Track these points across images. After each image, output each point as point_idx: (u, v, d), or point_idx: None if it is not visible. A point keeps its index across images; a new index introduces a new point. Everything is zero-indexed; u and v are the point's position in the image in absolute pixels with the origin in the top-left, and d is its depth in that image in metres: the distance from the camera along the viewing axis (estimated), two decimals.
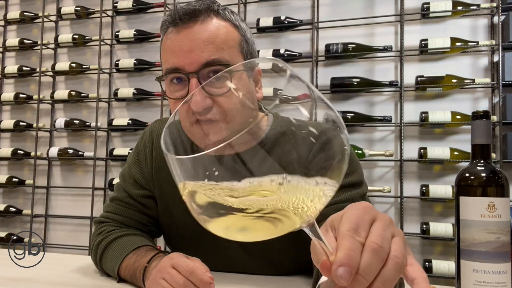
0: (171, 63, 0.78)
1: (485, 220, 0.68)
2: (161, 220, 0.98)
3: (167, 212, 0.96)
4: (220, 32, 0.78)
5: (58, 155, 2.57)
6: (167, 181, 0.95)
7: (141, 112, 2.59)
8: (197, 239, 0.93)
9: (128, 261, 0.84)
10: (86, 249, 2.50)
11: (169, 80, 0.80)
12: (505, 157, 1.91)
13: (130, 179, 0.98)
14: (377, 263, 0.38)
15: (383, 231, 0.40)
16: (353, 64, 2.26)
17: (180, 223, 0.94)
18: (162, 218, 0.98)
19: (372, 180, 2.17)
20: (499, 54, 1.97)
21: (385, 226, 0.41)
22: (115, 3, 2.58)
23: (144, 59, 2.54)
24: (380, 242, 0.39)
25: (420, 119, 2.05)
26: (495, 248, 0.67)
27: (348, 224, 0.39)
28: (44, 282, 0.83)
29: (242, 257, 0.92)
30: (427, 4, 2.07)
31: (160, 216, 0.98)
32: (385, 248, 0.39)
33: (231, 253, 0.92)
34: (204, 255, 0.85)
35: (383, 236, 0.39)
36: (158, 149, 0.97)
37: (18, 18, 2.76)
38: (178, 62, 0.77)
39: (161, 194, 0.96)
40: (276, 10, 2.39)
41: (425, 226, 1.96)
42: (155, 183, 0.96)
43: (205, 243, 0.93)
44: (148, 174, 0.96)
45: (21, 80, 2.86)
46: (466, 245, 0.69)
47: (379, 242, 0.39)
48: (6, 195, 2.82)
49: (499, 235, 0.67)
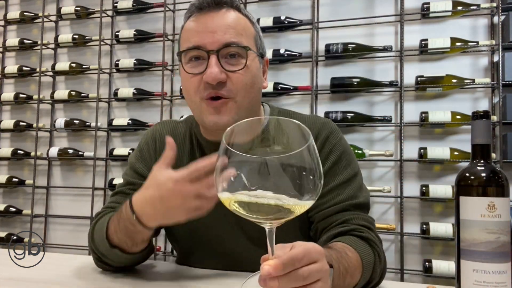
0: (193, 41, 0.84)
1: (485, 220, 0.68)
2: None
3: None
4: (241, 22, 0.87)
5: (58, 155, 2.57)
6: None
7: (141, 112, 2.59)
8: (200, 231, 0.94)
9: (113, 223, 0.82)
10: (86, 249, 2.50)
11: (188, 58, 0.86)
12: (505, 157, 1.91)
13: (134, 174, 0.99)
14: (294, 283, 0.53)
15: (315, 272, 0.55)
16: (353, 64, 2.26)
17: (186, 224, 0.92)
18: None
19: (372, 180, 2.17)
20: (499, 54, 1.97)
21: (320, 270, 0.56)
22: (115, 3, 2.58)
23: (144, 59, 2.54)
24: (307, 275, 0.54)
25: (420, 119, 2.05)
26: (495, 248, 0.67)
27: (299, 251, 0.55)
28: (44, 282, 0.83)
29: (243, 247, 0.92)
30: (427, 4, 2.07)
31: None
32: (307, 280, 0.54)
33: (232, 245, 0.93)
34: (206, 246, 0.90)
35: (313, 274, 0.55)
36: (160, 147, 0.98)
37: (18, 18, 2.76)
38: (201, 40, 0.83)
39: None
40: (276, 10, 2.39)
41: (425, 226, 1.96)
42: None
43: (207, 236, 0.94)
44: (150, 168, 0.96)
45: (21, 80, 2.86)
46: (466, 245, 0.69)
47: (306, 274, 0.54)
48: (6, 195, 2.82)
49: (499, 235, 0.67)
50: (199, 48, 0.83)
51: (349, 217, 0.86)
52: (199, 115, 0.87)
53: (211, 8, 0.86)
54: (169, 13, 2.53)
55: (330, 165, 0.90)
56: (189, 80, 0.85)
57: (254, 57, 0.88)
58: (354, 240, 0.81)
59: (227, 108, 0.84)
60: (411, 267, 2.07)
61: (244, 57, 0.84)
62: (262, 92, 0.94)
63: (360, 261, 0.75)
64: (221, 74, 0.82)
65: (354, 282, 0.73)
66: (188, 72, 0.85)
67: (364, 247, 0.80)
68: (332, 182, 0.88)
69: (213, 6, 0.86)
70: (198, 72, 0.84)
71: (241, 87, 0.84)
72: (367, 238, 0.83)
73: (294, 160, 0.48)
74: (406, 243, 2.08)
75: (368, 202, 0.92)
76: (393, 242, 2.13)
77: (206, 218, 0.79)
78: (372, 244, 0.83)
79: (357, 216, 0.86)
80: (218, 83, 0.82)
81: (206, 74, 0.81)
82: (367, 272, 0.76)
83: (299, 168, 0.49)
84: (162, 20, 2.48)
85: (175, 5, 2.54)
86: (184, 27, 0.89)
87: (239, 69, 0.83)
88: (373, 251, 0.81)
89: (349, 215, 0.86)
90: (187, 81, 0.86)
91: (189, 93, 0.87)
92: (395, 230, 2.04)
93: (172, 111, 2.50)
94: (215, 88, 0.82)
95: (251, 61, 0.85)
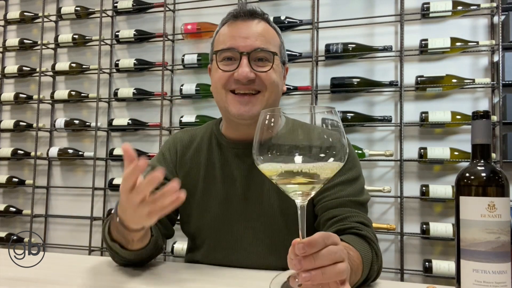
0: (228, 44, 0.97)
1: (485, 220, 0.68)
2: (181, 211, 1.10)
3: (188, 203, 1.04)
4: (269, 32, 1.01)
5: (58, 155, 2.57)
6: (188, 176, 1.07)
7: (141, 112, 2.59)
8: (211, 225, 1.04)
9: (111, 221, 0.88)
10: (86, 249, 2.50)
11: (222, 57, 0.98)
12: (505, 157, 1.91)
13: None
14: (328, 260, 0.58)
15: (341, 251, 0.61)
16: (353, 64, 2.26)
17: (199, 214, 1.06)
18: (182, 210, 1.09)
19: (372, 180, 2.17)
20: (499, 54, 1.97)
21: (343, 250, 0.62)
22: (115, 3, 2.58)
23: (144, 59, 2.54)
24: (337, 249, 0.60)
25: (420, 119, 2.05)
26: (495, 248, 0.67)
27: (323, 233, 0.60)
28: (44, 282, 0.83)
29: (251, 239, 1.01)
30: (427, 4, 2.07)
31: (181, 208, 1.08)
32: (337, 256, 0.59)
33: (243, 236, 1.02)
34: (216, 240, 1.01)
35: (339, 253, 0.60)
36: (181, 152, 1.10)
37: (18, 18, 2.76)
38: (235, 43, 0.96)
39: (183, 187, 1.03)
40: (276, 10, 2.39)
41: (425, 226, 1.96)
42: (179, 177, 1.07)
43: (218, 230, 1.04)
44: (171, 171, 1.08)
45: (21, 80, 2.86)
46: (466, 245, 0.69)
47: (335, 250, 0.59)
48: (6, 195, 2.82)
49: (499, 235, 0.67)
50: (233, 49, 0.96)
51: (349, 214, 0.92)
52: (225, 107, 0.99)
53: (246, 17, 0.99)
54: (169, 13, 2.53)
55: None
56: (220, 75, 0.97)
57: (278, 63, 1.00)
58: (354, 239, 0.86)
59: (255, 100, 0.96)
60: (411, 267, 2.07)
61: (271, 61, 0.97)
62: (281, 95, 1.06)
63: (360, 259, 0.79)
64: (251, 73, 0.94)
65: (356, 279, 0.77)
66: (221, 68, 0.97)
67: (363, 245, 0.85)
68: (337, 179, 0.96)
69: (248, 16, 0.99)
70: (229, 70, 0.96)
71: (268, 84, 0.96)
72: (365, 236, 0.89)
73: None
74: (406, 243, 2.08)
75: (367, 203, 0.99)
76: (393, 242, 2.13)
77: (219, 213, 1.01)
78: (370, 242, 0.88)
79: (356, 214, 0.93)
80: (247, 80, 0.94)
81: (238, 72, 0.94)
82: (366, 270, 0.81)
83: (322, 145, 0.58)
84: (162, 20, 2.48)
85: (175, 5, 2.54)
86: (219, 31, 1.02)
87: (266, 70, 0.96)
88: (371, 249, 0.87)
89: (349, 212, 0.93)
90: (218, 76, 0.98)
91: (217, 86, 0.99)
92: (395, 230, 2.04)
93: (172, 111, 2.50)
94: (244, 85, 0.95)
95: (276, 65, 0.98)
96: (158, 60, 2.50)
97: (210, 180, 1.05)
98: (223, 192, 1.03)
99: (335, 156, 0.57)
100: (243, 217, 1.02)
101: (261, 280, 0.86)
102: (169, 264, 1.07)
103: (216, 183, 1.04)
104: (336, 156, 0.57)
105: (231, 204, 1.03)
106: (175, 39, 2.54)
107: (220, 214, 1.04)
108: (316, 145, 0.57)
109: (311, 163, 0.56)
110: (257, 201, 1.01)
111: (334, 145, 0.57)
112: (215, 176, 1.05)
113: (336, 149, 0.57)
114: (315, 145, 0.57)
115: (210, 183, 1.05)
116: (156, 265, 1.00)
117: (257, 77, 0.95)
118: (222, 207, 1.03)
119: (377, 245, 0.90)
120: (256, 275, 0.91)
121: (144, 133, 2.58)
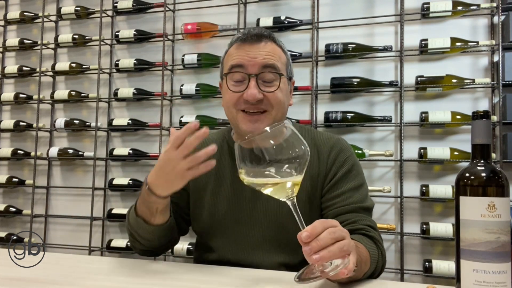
0: (236, 61, 1.03)
1: (485, 220, 0.68)
2: (192, 209, 1.16)
3: (198, 202, 1.14)
4: (276, 51, 1.06)
5: (58, 155, 2.57)
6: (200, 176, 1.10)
7: (141, 112, 2.59)
8: (219, 217, 1.11)
9: (139, 198, 1.01)
10: (86, 249, 2.50)
11: (231, 79, 1.04)
12: (505, 157, 1.91)
13: None
14: (330, 239, 0.69)
15: (339, 230, 0.72)
16: (353, 64, 2.26)
17: (209, 211, 1.12)
18: (193, 208, 1.15)
19: (372, 180, 2.17)
20: (499, 54, 1.97)
21: (341, 229, 0.73)
22: (115, 3, 2.58)
23: (144, 59, 2.54)
24: (335, 229, 0.71)
25: (420, 119, 2.05)
26: (495, 248, 0.67)
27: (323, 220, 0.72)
28: (44, 282, 0.83)
29: (259, 237, 1.07)
30: (427, 4, 2.07)
31: (192, 206, 1.16)
32: (337, 234, 0.70)
33: (251, 234, 1.08)
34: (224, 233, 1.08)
35: (341, 230, 0.72)
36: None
37: (18, 18, 2.76)
38: (242, 61, 1.02)
39: (194, 187, 1.14)
40: (276, 10, 2.39)
41: (425, 226, 1.96)
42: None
43: (226, 222, 1.10)
44: None
45: (21, 80, 2.86)
46: (466, 245, 0.69)
47: (334, 229, 0.71)
48: (6, 195, 2.82)
49: (499, 235, 0.67)
50: (241, 67, 1.02)
51: (358, 218, 1.02)
52: (236, 123, 1.06)
53: (253, 40, 1.04)
54: (169, 13, 2.53)
55: (343, 172, 1.07)
56: (230, 96, 1.04)
57: (285, 81, 1.06)
58: (362, 238, 0.95)
59: (264, 118, 1.02)
60: (411, 267, 2.07)
61: (278, 80, 1.03)
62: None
63: (368, 254, 0.89)
64: (259, 94, 1.00)
65: (366, 269, 0.86)
66: (231, 90, 1.03)
67: (371, 244, 0.95)
68: (344, 186, 1.05)
69: (255, 39, 1.04)
70: (239, 91, 1.02)
71: (275, 103, 1.02)
72: (373, 237, 0.98)
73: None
74: (406, 243, 2.08)
75: (372, 208, 1.09)
76: (393, 242, 2.13)
77: (228, 212, 1.09)
78: (377, 242, 0.98)
79: (364, 218, 1.02)
80: (256, 101, 1.00)
81: (247, 94, 1.00)
82: (373, 265, 0.90)
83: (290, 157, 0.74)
84: (162, 20, 2.48)
85: (175, 5, 2.54)
86: (227, 52, 1.08)
87: (273, 90, 1.02)
88: (377, 248, 0.97)
89: (357, 217, 1.02)
90: (229, 96, 1.04)
91: (228, 105, 1.06)
92: (395, 230, 2.04)
93: (172, 111, 2.50)
94: (253, 104, 1.01)
95: (283, 84, 1.04)
96: (158, 60, 2.50)
97: (220, 181, 1.12)
98: (232, 192, 1.10)
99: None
100: (251, 216, 1.08)
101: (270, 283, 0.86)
102: (170, 264, 1.07)
103: (226, 184, 1.11)
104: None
105: (240, 204, 1.09)
106: (175, 39, 2.54)
107: (229, 213, 1.10)
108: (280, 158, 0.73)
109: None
110: (265, 201, 1.07)
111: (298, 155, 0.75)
112: (225, 177, 1.12)
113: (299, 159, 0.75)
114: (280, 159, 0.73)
115: (220, 184, 1.12)
116: (156, 265, 1.01)
117: (264, 97, 1.01)
118: (231, 207, 1.10)
119: (382, 245, 0.99)
120: (265, 276, 0.91)
121: (144, 133, 2.58)
